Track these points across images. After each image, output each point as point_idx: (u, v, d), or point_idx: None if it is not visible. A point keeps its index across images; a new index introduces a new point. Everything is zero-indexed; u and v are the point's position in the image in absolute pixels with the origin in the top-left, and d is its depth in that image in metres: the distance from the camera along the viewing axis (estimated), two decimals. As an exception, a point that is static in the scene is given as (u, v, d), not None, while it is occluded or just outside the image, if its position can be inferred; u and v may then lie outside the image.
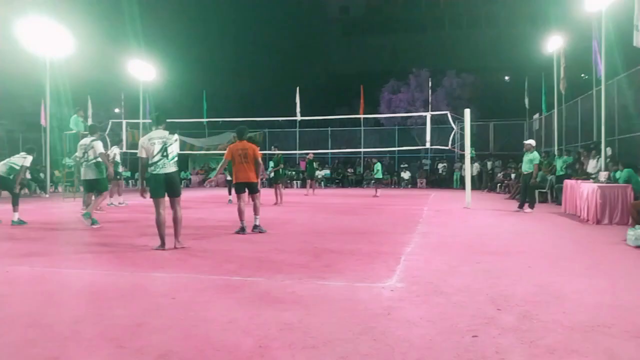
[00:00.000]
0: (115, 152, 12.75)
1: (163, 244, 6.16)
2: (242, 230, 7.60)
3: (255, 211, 7.82)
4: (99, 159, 8.60)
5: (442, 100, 31.09)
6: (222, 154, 16.73)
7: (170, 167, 6.15)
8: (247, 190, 7.79)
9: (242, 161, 7.63)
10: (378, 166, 18.61)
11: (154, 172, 6.09)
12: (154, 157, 6.08)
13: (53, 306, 3.74)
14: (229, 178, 14.19)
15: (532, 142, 12.13)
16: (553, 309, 3.55)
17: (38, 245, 6.62)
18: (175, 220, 6.26)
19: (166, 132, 6.24)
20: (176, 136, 6.32)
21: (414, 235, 7.40)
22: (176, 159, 6.24)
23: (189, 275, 4.67)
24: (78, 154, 8.83)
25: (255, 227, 7.74)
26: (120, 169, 13.03)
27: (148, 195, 6.19)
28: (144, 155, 6.13)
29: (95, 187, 8.82)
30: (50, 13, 18.21)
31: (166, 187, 6.16)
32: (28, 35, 17.87)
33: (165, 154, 6.10)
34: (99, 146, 8.59)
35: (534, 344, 2.87)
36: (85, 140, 8.78)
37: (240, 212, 7.68)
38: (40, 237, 7.45)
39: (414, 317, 3.37)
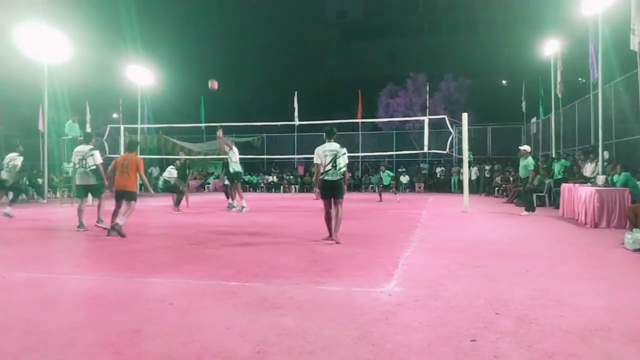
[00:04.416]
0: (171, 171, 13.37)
1: (330, 235, 7.07)
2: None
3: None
4: (94, 167, 8.66)
5: (440, 104, 31.14)
6: (220, 159, 16.57)
7: (337, 176, 7.00)
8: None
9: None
10: (387, 173, 18.38)
11: (325, 179, 6.99)
12: (326, 166, 6.96)
13: (50, 312, 3.73)
14: (226, 183, 14.11)
15: (527, 147, 12.20)
16: (551, 313, 3.55)
17: (35, 251, 6.59)
18: (336, 218, 7.06)
19: (337, 145, 7.08)
20: (345, 149, 7.11)
21: (412, 240, 7.40)
22: (344, 169, 7.06)
23: (186, 281, 4.66)
24: (74, 160, 8.87)
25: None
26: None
27: (320, 196, 7.11)
28: (319, 162, 7.03)
29: (90, 192, 8.98)
30: (48, 19, 18.22)
31: (332, 192, 7.02)
32: (26, 41, 17.88)
33: (334, 164, 6.95)
34: (98, 156, 8.71)
35: (532, 348, 2.87)
36: (83, 148, 8.81)
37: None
38: (37, 243, 7.42)
39: (412, 321, 3.37)
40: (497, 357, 2.73)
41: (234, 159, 12.61)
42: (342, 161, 7.04)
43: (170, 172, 13.31)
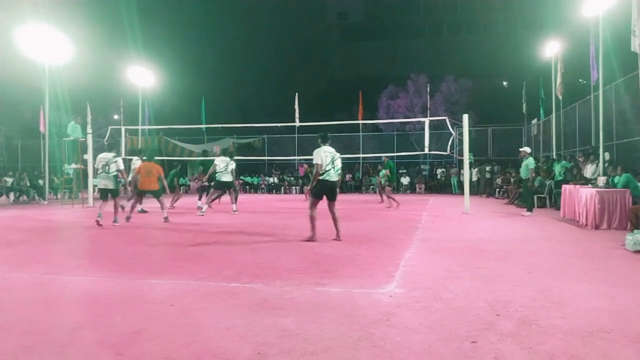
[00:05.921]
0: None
1: (313, 235, 7.25)
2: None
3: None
4: (117, 173, 9.78)
5: (441, 105, 31.16)
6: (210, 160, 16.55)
7: (335, 177, 7.30)
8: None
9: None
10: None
11: (326, 179, 7.19)
12: (326, 167, 7.17)
13: (51, 313, 3.73)
14: (206, 183, 13.82)
15: (527, 149, 12.39)
16: (552, 315, 3.55)
17: (36, 252, 6.60)
18: (335, 219, 7.37)
19: (333, 149, 7.37)
20: (338, 154, 7.41)
21: (413, 241, 7.40)
22: (340, 171, 7.41)
23: (187, 282, 4.66)
24: (97, 165, 9.86)
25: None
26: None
27: (312, 194, 7.32)
28: (319, 162, 7.17)
29: (110, 194, 9.84)
30: (50, 20, 18.23)
31: (330, 191, 7.29)
32: (27, 42, 17.90)
33: (333, 165, 7.24)
34: (120, 163, 9.82)
35: (533, 349, 2.87)
36: (107, 155, 9.77)
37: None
38: (38, 244, 7.43)
39: (413, 323, 3.37)
40: (498, 359, 2.73)
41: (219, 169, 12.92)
42: (339, 163, 7.39)
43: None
